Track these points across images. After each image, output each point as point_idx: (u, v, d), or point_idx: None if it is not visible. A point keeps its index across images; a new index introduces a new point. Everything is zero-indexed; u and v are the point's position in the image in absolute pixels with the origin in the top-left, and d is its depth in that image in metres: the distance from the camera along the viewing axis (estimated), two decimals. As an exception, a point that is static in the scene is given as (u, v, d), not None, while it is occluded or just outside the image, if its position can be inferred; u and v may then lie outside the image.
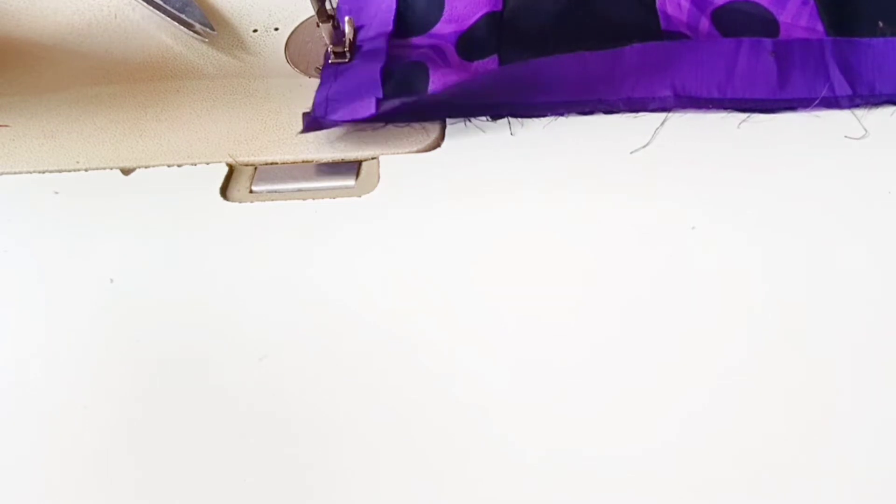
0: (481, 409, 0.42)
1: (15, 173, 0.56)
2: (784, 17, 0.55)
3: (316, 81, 0.60)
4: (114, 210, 0.53)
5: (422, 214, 0.51)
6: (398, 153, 0.54)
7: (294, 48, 0.63)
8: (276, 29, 0.65)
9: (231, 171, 0.55)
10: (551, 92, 0.52)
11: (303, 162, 0.55)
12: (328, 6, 0.59)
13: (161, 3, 0.65)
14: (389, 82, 0.54)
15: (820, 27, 0.54)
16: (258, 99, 0.60)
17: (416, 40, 0.58)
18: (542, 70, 0.52)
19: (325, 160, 0.55)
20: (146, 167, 0.55)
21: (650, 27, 0.56)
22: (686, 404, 0.40)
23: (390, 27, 0.57)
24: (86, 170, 0.56)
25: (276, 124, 0.57)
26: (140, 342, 0.46)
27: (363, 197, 0.52)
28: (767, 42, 0.52)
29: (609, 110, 0.52)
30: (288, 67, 0.62)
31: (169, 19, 0.65)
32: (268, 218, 0.52)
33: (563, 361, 0.42)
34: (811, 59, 0.51)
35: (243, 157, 0.55)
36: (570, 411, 0.41)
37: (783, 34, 0.55)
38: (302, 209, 0.52)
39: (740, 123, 0.51)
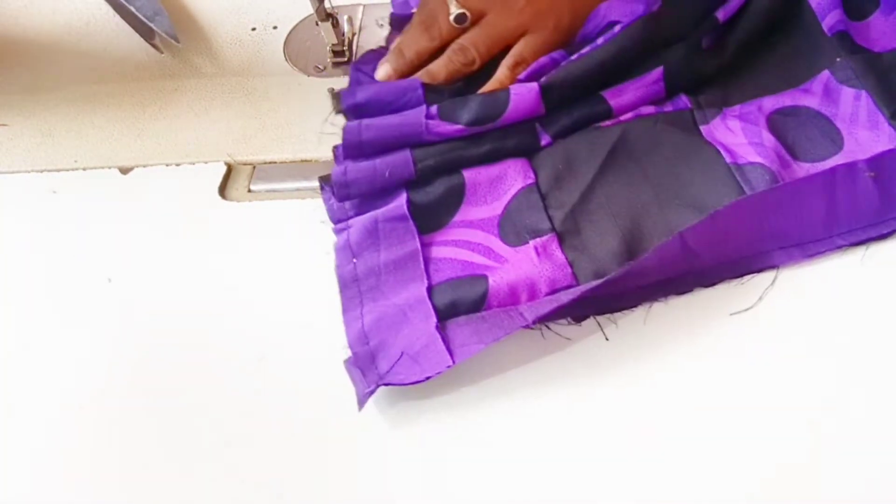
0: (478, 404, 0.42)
1: (12, 172, 0.56)
2: (841, 121, 0.50)
3: (316, 80, 0.60)
4: (112, 209, 0.53)
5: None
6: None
7: (293, 47, 0.63)
8: (275, 27, 0.65)
9: (229, 170, 0.55)
10: (646, 276, 0.44)
11: (301, 161, 0.55)
12: (327, 4, 0.58)
13: (132, 9, 0.63)
14: (438, 300, 0.44)
15: (882, 119, 0.49)
16: (257, 98, 0.60)
17: (443, 235, 0.48)
18: (639, 266, 0.44)
19: (323, 159, 0.55)
20: (144, 166, 0.55)
21: (713, 166, 0.49)
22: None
23: (410, 223, 0.48)
24: (84, 169, 0.56)
25: (274, 123, 0.57)
26: (138, 341, 0.46)
27: (362, 196, 0.52)
28: (861, 164, 0.46)
29: (710, 282, 0.45)
30: (287, 66, 0.62)
31: (130, 28, 0.64)
32: (266, 217, 0.51)
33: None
34: None
35: (242, 157, 0.55)
36: None
37: (847, 137, 0.50)
38: (300, 208, 0.51)
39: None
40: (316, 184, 0.52)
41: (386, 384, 0.41)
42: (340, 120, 0.55)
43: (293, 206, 0.52)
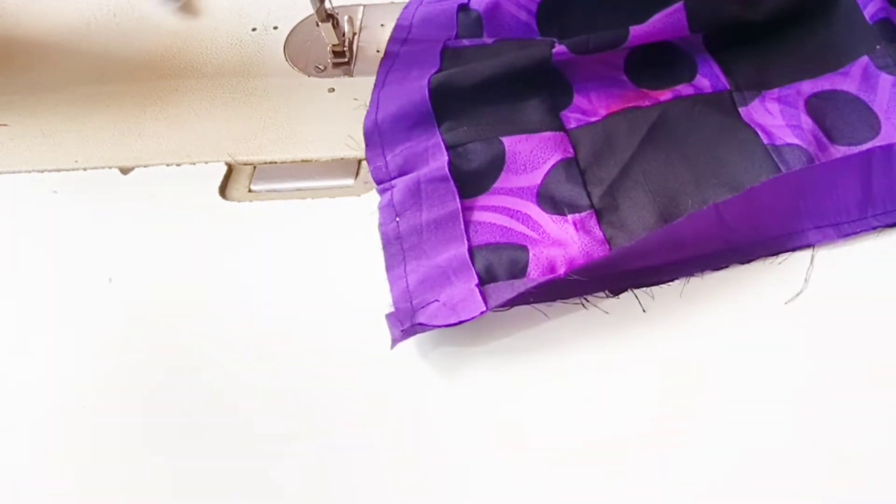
0: (480, 401, 0.42)
1: (13, 172, 0.56)
2: (878, 107, 0.51)
3: (316, 80, 0.60)
4: (112, 209, 0.53)
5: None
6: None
7: (293, 47, 0.63)
8: (276, 27, 0.65)
9: (230, 170, 0.55)
10: (682, 250, 0.45)
11: (302, 161, 0.55)
12: (328, 5, 0.58)
13: None
14: (480, 264, 0.46)
15: None
16: (257, 98, 0.60)
17: (484, 200, 0.49)
18: (673, 232, 0.45)
19: (324, 159, 0.55)
20: (145, 166, 0.55)
21: (750, 146, 0.50)
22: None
23: (451, 184, 0.49)
24: (84, 169, 0.56)
25: (275, 123, 0.57)
26: (138, 341, 0.46)
27: (362, 196, 0.52)
28: None
29: (746, 259, 0.45)
30: (287, 66, 0.62)
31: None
32: (267, 217, 0.51)
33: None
34: None
35: (242, 157, 0.55)
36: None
37: (884, 122, 0.50)
38: (301, 208, 0.51)
39: None
40: (317, 184, 0.52)
41: (420, 325, 0.43)
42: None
43: (294, 207, 0.52)
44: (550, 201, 0.49)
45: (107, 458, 0.42)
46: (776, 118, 0.51)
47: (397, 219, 0.49)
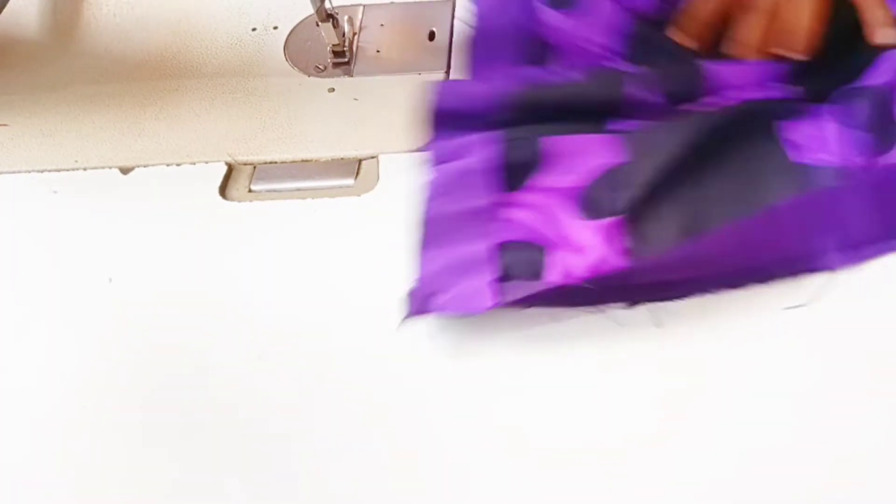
0: (481, 398, 0.42)
1: (13, 172, 0.56)
2: None
3: (316, 80, 0.60)
4: (112, 209, 0.53)
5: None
6: (397, 152, 0.53)
7: (293, 47, 0.63)
8: (276, 27, 0.65)
9: (230, 170, 0.55)
10: (702, 267, 0.45)
11: (302, 161, 0.55)
12: (328, 5, 0.58)
13: None
14: (500, 260, 0.46)
15: None
16: (257, 98, 0.60)
17: (517, 197, 0.49)
18: (695, 250, 0.45)
19: (324, 159, 0.55)
20: (145, 166, 0.55)
21: (778, 163, 0.48)
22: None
23: (491, 177, 0.49)
24: (84, 169, 0.56)
25: (275, 123, 0.57)
26: (138, 341, 0.46)
27: (362, 196, 0.52)
28: None
29: (766, 278, 0.44)
30: (287, 66, 0.62)
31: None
32: (267, 217, 0.51)
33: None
34: None
35: (242, 156, 0.55)
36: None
37: None
38: (301, 208, 0.51)
39: None
40: (318, 184, 0.52)
41: (432, 310, 0.43)
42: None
43: (294, 207, 0.52)
44: (584, 205, 0.48)
45: (107, 457, 0.42)
46: (817, 135, 0.50)
47: (430, 203, 0.49)
